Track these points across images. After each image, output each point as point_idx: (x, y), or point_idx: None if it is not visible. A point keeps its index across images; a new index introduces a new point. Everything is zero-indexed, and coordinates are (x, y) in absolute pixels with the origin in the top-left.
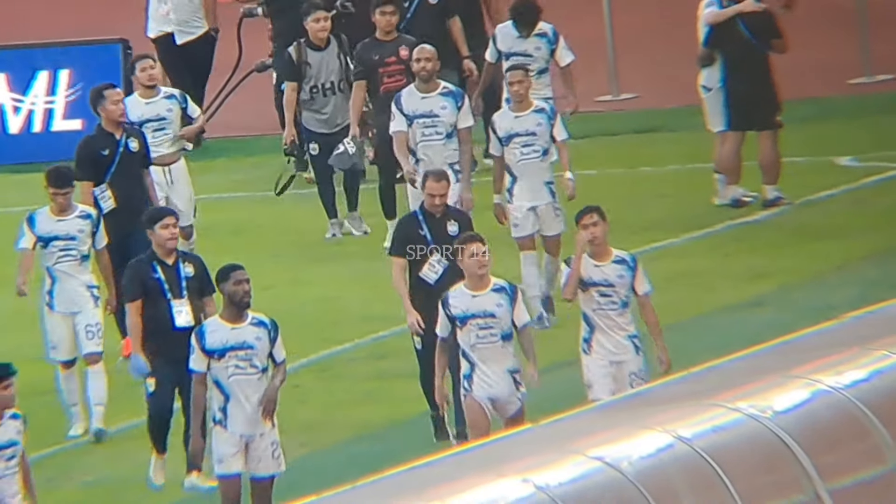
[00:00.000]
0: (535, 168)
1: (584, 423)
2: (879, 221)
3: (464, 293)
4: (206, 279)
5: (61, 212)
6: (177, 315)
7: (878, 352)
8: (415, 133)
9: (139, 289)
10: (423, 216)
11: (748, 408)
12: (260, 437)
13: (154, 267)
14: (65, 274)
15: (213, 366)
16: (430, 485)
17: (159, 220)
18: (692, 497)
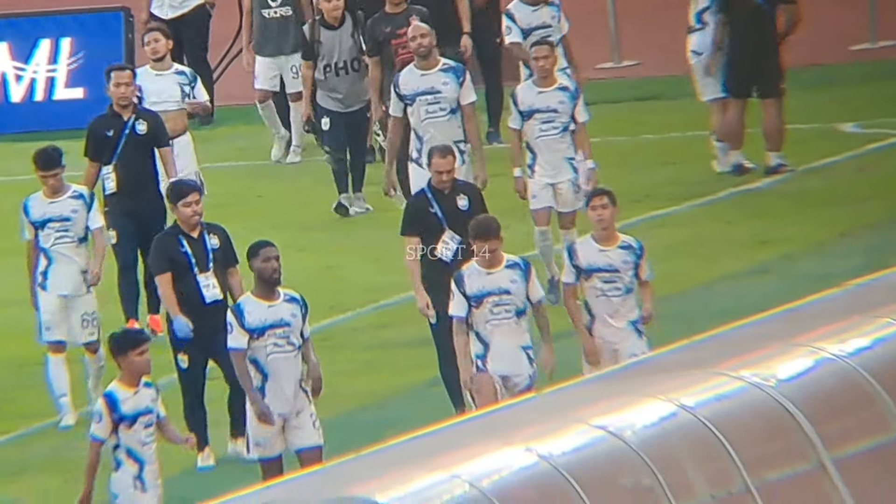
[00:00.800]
0: (553, 144)
1: (587, 391)
2: (883, 188)
3: (478, 271)
4: (230, 250)
5: (54, 193)
6: (204, 289)
7: (882, 319)
8: (418, 111)
9: (167, 262)
10: (431, 193)
11: (752, 376)
12: (297, 414)
13: (180, 241)
14: (62, 256)
15: (252, 345)
16: (433, 453)
17: (182, 197)
18: (695, 466)
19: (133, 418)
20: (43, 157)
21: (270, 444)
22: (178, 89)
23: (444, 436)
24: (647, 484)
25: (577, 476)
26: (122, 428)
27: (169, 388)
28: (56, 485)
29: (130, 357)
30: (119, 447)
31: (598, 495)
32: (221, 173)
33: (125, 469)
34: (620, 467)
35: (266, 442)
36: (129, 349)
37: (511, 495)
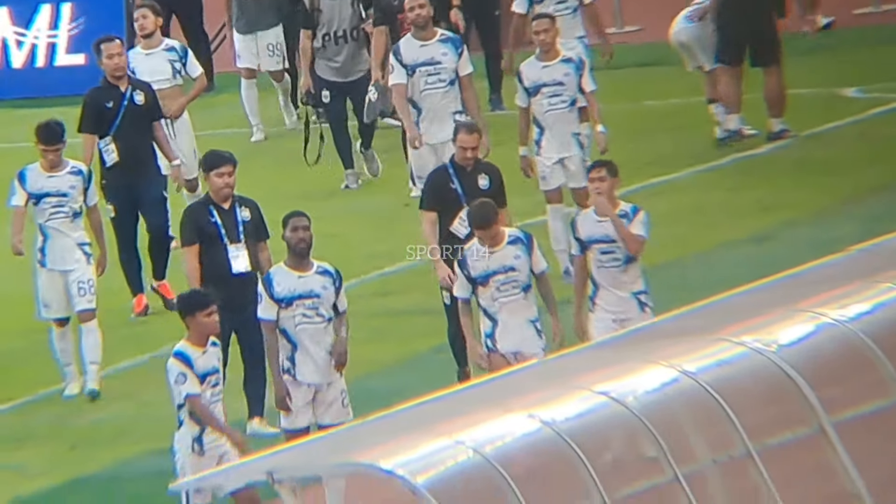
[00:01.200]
0: (562, 119)
1: (589, 358)
2: (885, 154)
3: (479, 250)
4: (261, 224)
5: (52, 168)
6: (233, 260)
7: (883, 284)
8: (417, 82)
9: (196, 233)
10: (453, 169)
11: (753, 342)
12: (328, 386)
13: (211, 211)
14: (57, 231)
15: (281, 314)
16: (437, 420)
17: (214, 167)
18: (697, 431)
19: (201, 378)
20: (45, 130)
21: (299, 414)
22: (169, 66)
23: (448, 403)
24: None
25: (580, 442)
26: None
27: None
28: (62, 452)
29: (198, 318)
30: (182, 406)
31: (601, 461)
32: (222, 140)
33: (186, 429)
34: (623, 433)
35: (295, 411)
36: (197, 310)
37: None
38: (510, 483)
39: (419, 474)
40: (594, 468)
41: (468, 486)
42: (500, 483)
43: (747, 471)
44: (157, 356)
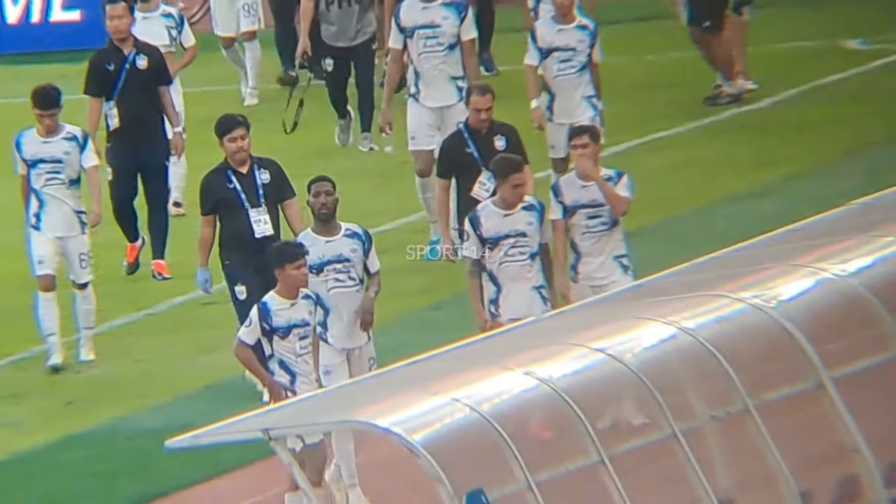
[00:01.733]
0: (571, 83)
1: (587, 315)
2: (887, 106)
3: (495, 212)
4: (283, 183)
5: (48, 133)
6: (255, 225)
7: (884, 238)
8: (416, 44)
9: (212, 202)
10: (468, 133)
11: (752, 298)
12: (359, 351)
13: (229, 176)
14: (53, 198)
15: (313, 280)
16: (434, 378)
17: (227, 132)
18: (696, 387)
19: (287, 330)
20: (41, 95)
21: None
22: (166, 32)
23: (445, 360)
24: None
25: (577, 399)
26: (276, 339)
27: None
28: (58, 408)
29: (288, 270)
30: (273, 357)
31: (599, 418)
32: (220, 96)
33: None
34: (621, 390)
35: (334, 369)
36: (287, 262)
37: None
38: (507, 441)
39: (416, 432)
40: (591, 425)
41: (465, 443)
42: (497, 441)
43: (746, 426)
44: (153, 313)
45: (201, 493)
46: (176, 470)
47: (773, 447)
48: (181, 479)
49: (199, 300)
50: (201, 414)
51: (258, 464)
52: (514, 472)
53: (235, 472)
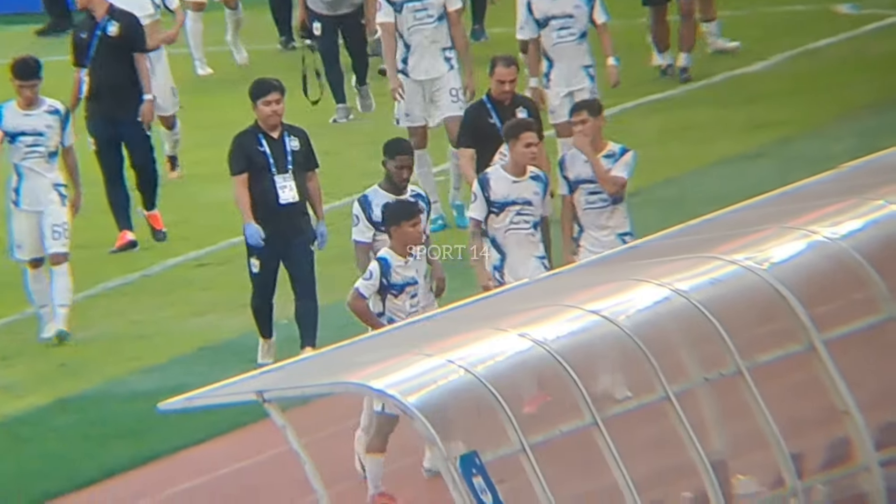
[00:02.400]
0: (571, 51)
1: (581, 277)
2: (878, 69)
3: (504, 177)
4: (310, 153)
5: (28, 105)
6: (281, 190)
7: (876, 201)
8: (405, 19)
9: (244, 162)
10: (491, 104)
11: (745, 260)
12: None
13: (260, 140)
14: (32, 171)
15: (377, 237)
16: (428, 339)
17: (262, 95)
18: (689, 349)
19: (401, 287)
20: (21, 66)
21: None
22: (149, 0)
23: (439, 322)
24: None
25: (571, 361)
26: (388, 297)
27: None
28: (51, 371)
29: (404, 227)
30: (383, 315)
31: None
32: (218, 55)
33: None
34: (615, 352)
35: None
36: (403, 220)
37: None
38: (501, 403)
39: (410, 394)
40: (585, 387)
41: (459, 405)
42: (492, 402)
43: (738, 388)
44: (148, 275)
45: (194, 455)
46: (169, 433)
47: (765, 409)
48: (174, 442)
49: (194, 262)
50: (195, 376)
51: (252, 427)
52: (508, 434)
53: (229, 434)
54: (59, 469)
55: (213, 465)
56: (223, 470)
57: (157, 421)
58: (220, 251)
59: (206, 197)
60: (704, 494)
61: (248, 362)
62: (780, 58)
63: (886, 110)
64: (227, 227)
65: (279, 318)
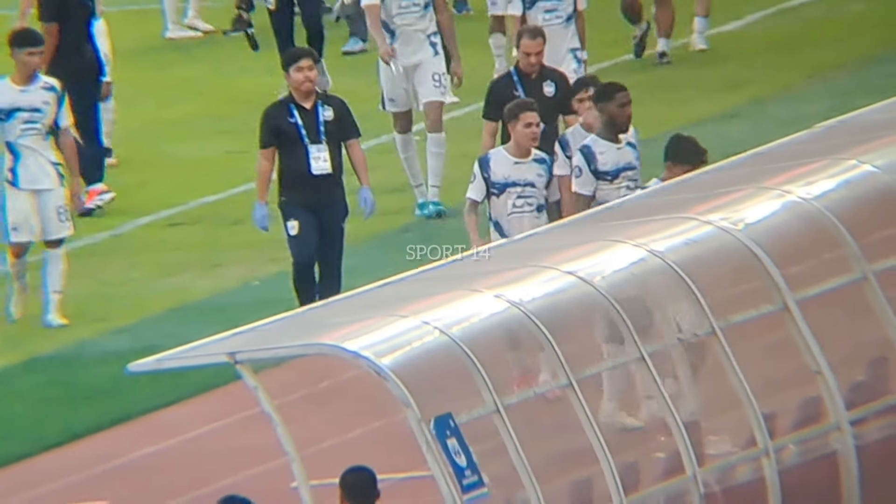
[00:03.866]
0: (557, 34)
1: (556, 238)
2: (851, 29)
3: (506, 158)
4: (348, 122)
5: (25, 80)
6: (313, 161)
7: (849, 161)
8: (391, 6)
9: (273, 135)
10: (517, 77)
11: (720, 220)
12: None
13: (291, 110)
14: (28, 149)
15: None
16: (403, 301)
17: (293, 62)
18: (663, 309)
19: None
20: (26, 34)
21: None
22: None
23: (415, 283)
24: None
25: (547, 322)
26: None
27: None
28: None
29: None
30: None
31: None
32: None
33: None
34: (591, 312)
35: None
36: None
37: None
38: (476, 363)
39: (384, 356)
40: (561, 348)
41: (434, 367)
42: (467, 364)
43: (712, 348)
44: (117, 234)
45: (164, 418)
46: (139, 394)
47: (738, 369)
48: (144, 404)
49: (164, 221)
50: (165, 337)
51: (223, 389)
52: (483, 395)
53: (199, 396)
54: (25, 431)
55: (183, 428)
56: (193, 432)
57: (126, 382)
58: (190, 210)
59: (176, 155)
60: (677, 455)
61: (219, 323)
62: (754, 17)
63: (859, 70)
64: (198, 185)
65: (250, 279)
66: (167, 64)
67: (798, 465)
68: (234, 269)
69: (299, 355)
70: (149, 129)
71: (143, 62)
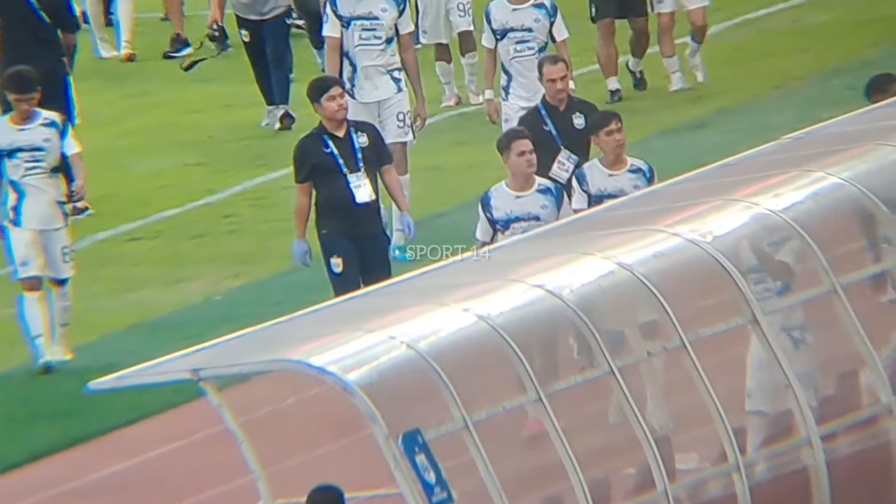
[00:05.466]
0: (529, 66)
1: (524, 250)
2: (817, 40)
3: (507, 193)
4: (381, 148)
5: (23, 120)
6: (356, 190)
7: (816, 173)
8: (352, 36)
9: (308, 168)
10: (545, 110)
11: (688, 232)
12: None
13: (325, 141)
14: (33, 188)
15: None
16: (370, 314)
17: (324, 91)
18: (633, 323)
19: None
20: (17, 78)
21: None
22: None
23: (381, 297)
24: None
25: (515, 336)
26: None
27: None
28: None
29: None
30: None
31: (537, 354)
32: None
33: None
34: (559, 326)
35: None
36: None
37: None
38: (444, 378)
39: (351, 371)
40: (529, 362)
41: (402, 382)
42: (435, 378)
43: (681, 362)
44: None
45: (125, 436)
46: (99, 413)
47: (707, 382)
48: (104, 423)
49: (124, 235)
50: (126, 354)
51: (185, 406)
52: (451, 411)
53: (161, 414)
54: None
55: (145, 447)
56: (156, 451)
57: (86, 401)
58: (150, 224)
59: (136, 169)
60: (648, 471)
61: (182, 340)
62: (718, 28)
63: (825, 82)
64: (158, 199)
65: (213, 294)
66: (123, 75)
67: (769, 479)
68: (196, 284)
69: (264, 371)
70: (105, 142)
71: (98, 75)
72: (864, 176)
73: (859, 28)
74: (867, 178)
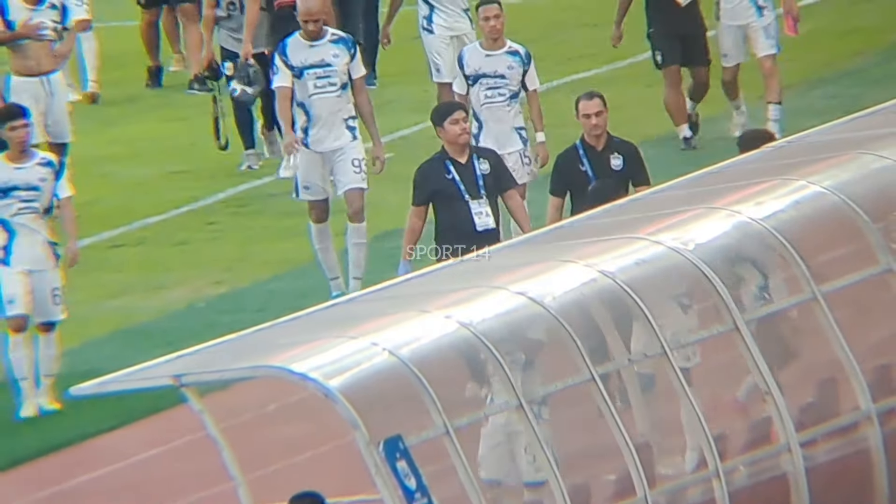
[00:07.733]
0: (499, 114)
1: (507, 257)
2: (800, 50)
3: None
4: (504, 173)
5: (19, 155)
6: (476, 217)
7: (797, 182)
8: (306, 86)
9: (427, 193)
10: (583, 149)
11: (670, 240)
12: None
13: (447, 166)
14: (24, 228)
15: None
16: (352, 321)
17: (448, 115)
18: (615, 331)
19: None
20: (6, 109)
21: None
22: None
23: (363, 304)
24: None
25: (497, 342)
26: None
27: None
28: None
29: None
30: None
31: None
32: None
33: None
34: (540, 333)
35: None
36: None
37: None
38: (425, 385)
39: (332, 377)
40: (511, 369)
41: (383, 389)
42: (416, 385)
43: (664, 370)
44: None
45: (107, 442)
46: (80, 419)
47: (689, 391)
48: (86, 429)
49: (106, 242)
50: (108, 360)
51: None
52: (433, 417)
53: (143, 420)
54: None
55: (127, 453)
56: (137, 457)
57: (67, 407)
58: (133, 231)
59: (118, 176)
60: (628, 477)
61: (164, 346)
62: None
63: (807, 91)
64: (141, 207)
65: (195, 301)
66: (106, 83)
67: (748, 486)
68: (179, 290)
69: (246, 378)
70: (88, 149)
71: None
72: (845, 185)
73: (841, 38)
74: (848, 187)
